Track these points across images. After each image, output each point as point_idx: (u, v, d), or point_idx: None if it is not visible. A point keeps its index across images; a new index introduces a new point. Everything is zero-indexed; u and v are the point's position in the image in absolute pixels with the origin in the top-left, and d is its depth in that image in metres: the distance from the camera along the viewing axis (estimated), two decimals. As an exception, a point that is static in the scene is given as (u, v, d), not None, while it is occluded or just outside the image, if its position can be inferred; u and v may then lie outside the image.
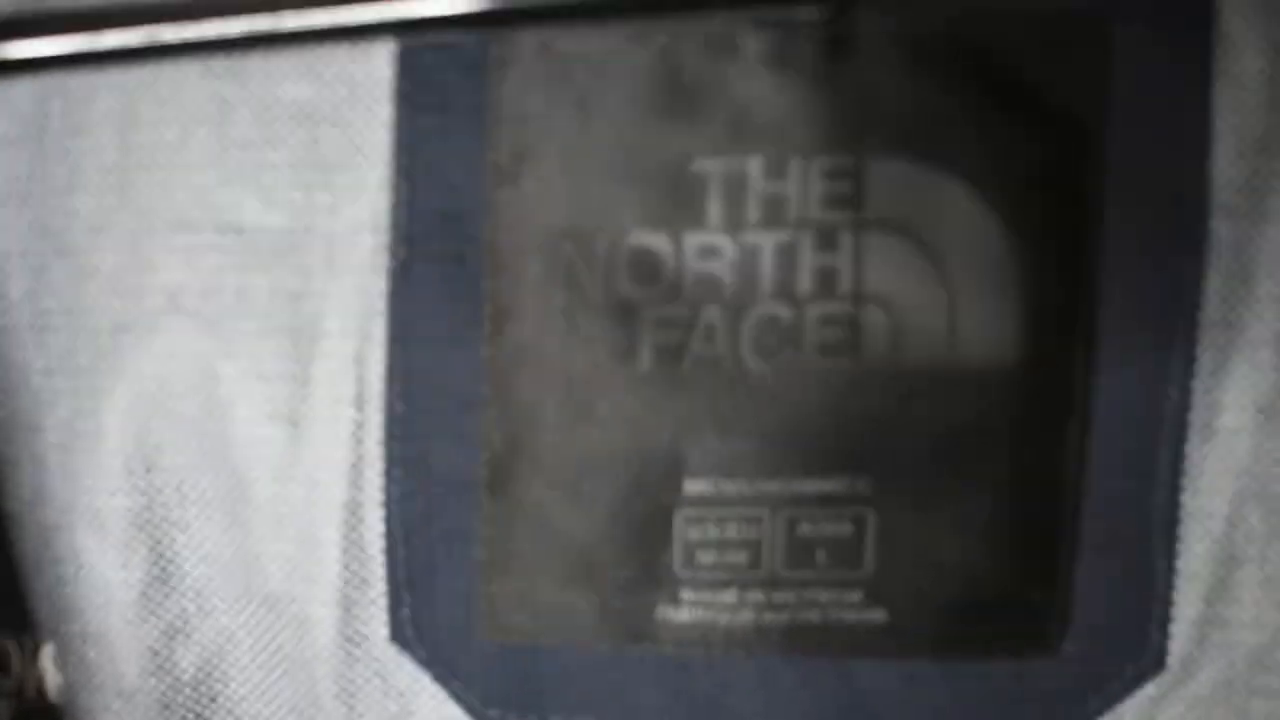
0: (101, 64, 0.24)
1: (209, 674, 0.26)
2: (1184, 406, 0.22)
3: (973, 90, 0.22)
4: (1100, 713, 0.23)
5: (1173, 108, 0.22)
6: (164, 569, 0.25)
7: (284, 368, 0.24)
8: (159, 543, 0.25)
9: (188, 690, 0.26)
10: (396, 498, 0.24)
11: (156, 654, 0.26)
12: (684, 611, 0.23)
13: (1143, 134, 0.22)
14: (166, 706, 0.26)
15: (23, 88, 0.25)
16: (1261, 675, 0.23)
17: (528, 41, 0.23)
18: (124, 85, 0.24)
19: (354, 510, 0.24)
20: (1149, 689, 0.23)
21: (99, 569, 0.25)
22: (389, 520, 0.24)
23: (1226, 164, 0.22)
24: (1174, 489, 0.23)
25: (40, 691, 0.27)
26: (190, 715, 0.26)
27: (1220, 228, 0.22)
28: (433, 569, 0.24)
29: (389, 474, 0.24)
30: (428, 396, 0.24)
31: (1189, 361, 0.22)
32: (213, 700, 0.26)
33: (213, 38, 0.23)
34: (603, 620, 0.24)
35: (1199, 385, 0.22)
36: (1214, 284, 0.22)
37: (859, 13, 0.22)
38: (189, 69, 0.23)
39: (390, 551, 0.24)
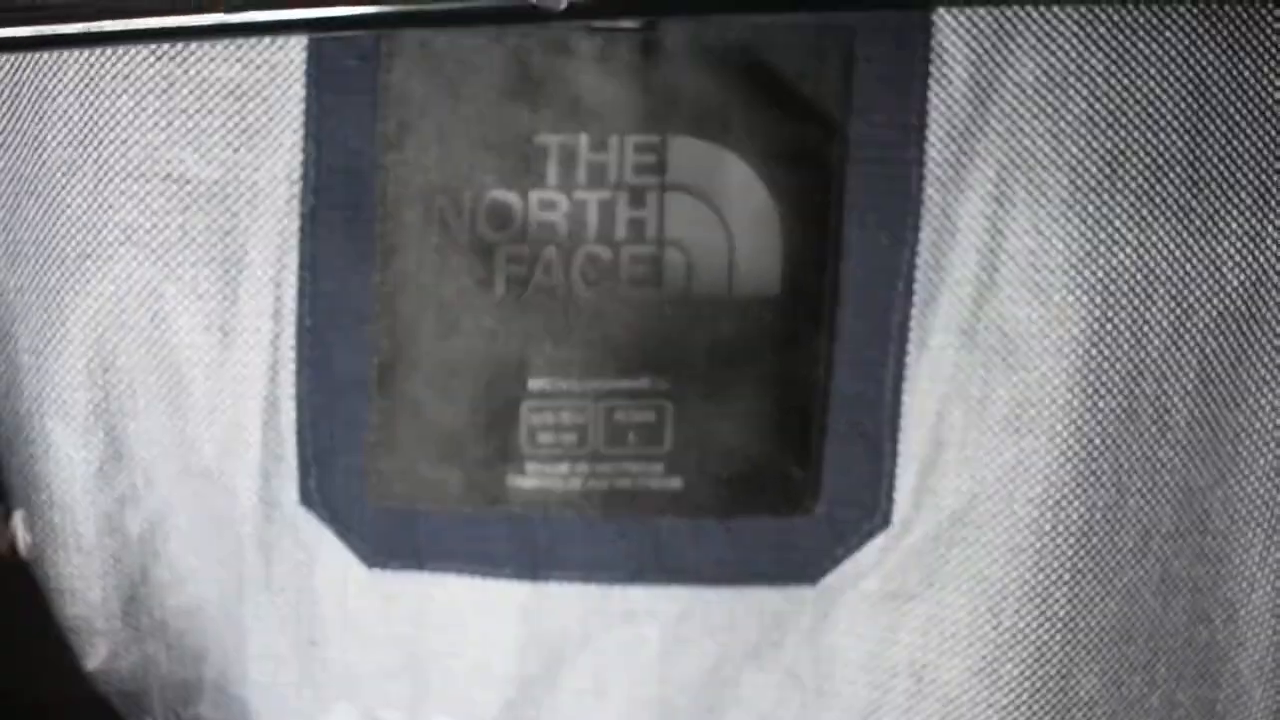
0: (64, 47, 0.31)
1: (153, 534, 0.33)
2: (904, 328, 0.30)
3: (749, 87, 0.30)
4: (843, 559, 0.31)
5: (899, 103, 0.30)
6: (117, 449, 0.32)
7: (216, 289, 0.31)
8: (113, 428, 0.32)
9: (135, 547, 0.33)
10: (305, 392, 0.31)
11: (110, 518, 0.33)
12: (528, 480, 0.31)
13: (875, 123, 0.30)
14: (118, 560, 0.33)
15: None
16: (960, 530, 0.31)
17: (410, 39, 0.30)
18: (87, 62, 0.30)
19: (271, 402, 0.31)
20: (879, 540, 0.31)
21: (64, 448, 0.32)
22: (299, 409, 0.31)
23: (937, 146, 0.30)
24: (897, 391, 0.30)
25: (13, 549, 0.34)
26: (137, 568, 0.33)
27: (932, 195, 0.30)
28: (333, 448, 0.31)
29: (299, 373, 0.31)
30: (330, 313, 0.31)
31: (908, 293, 0.30)
32: (156, 555, 0.33)
33: (158, 28, 0.30)
34: (465, 488, 0.31)
35: (915, 312, 0.30)
36: (926, 236, 0.30)
37: (666, 25, 0.30)
38: (141, 51, 0.30)
39: (300, 434, 0.31)
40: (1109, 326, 0.30)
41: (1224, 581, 0.32)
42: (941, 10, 0.30)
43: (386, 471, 0.31)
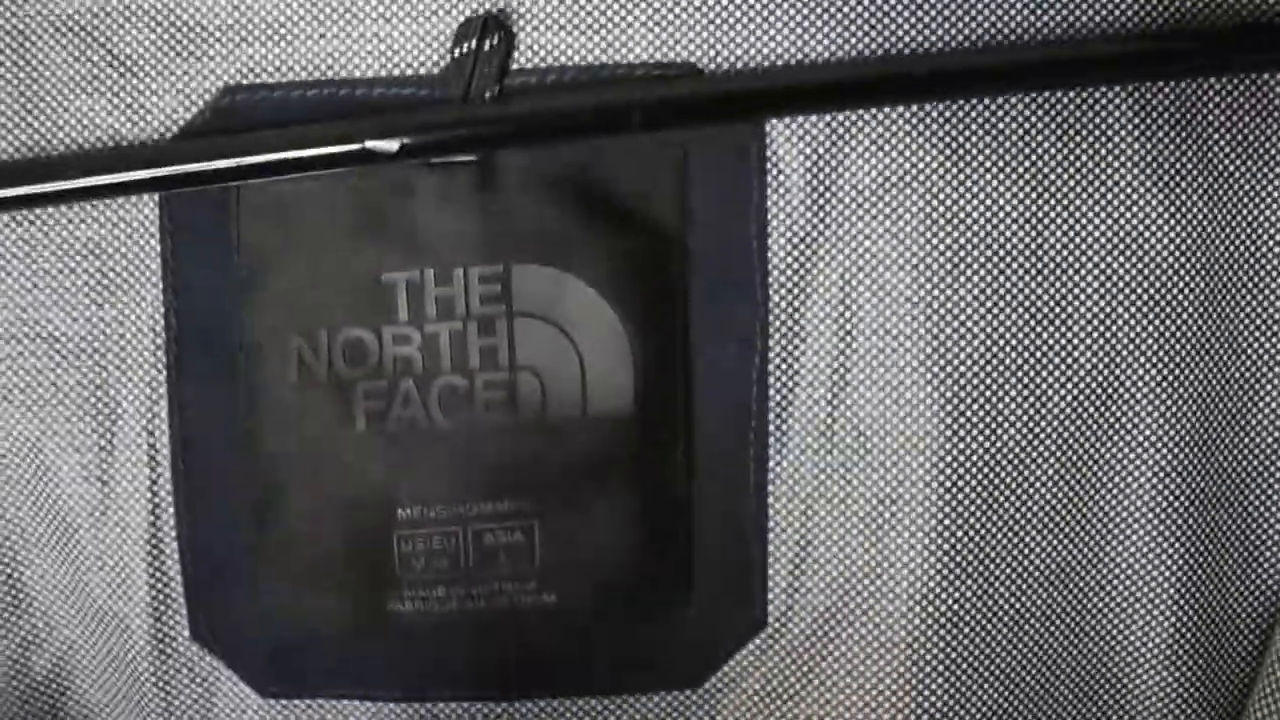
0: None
1: (59, 674, 0.34)
2: (762, 432, 0.31)
3: (586, 210, 0.30)
4: (723, 661, 0.32)
5: (738, 213, 0.31)
6: (16, 596, 0.34)
7: (92, 441, 0.32)
8: (11, 575, 0.33)
9: (42, 688, 0.34)
10: (186, 534, 0.32)
11: (15, 662, 0.34)
12: (407, 604, 0.32)
13: (715, 234, 0.31)
14: (26, 702, 0.34)
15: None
16: (834, 627, 0.32)
17: (256, 186, 0.31)
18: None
19: (155, 544, 0.32)
20: (757, 641, 0.32)
21: (-34, 598, 0.34)
22: (181, 549, 0.32)
23: (779, 254, 0.31)
24: (761, 492, 0.31)
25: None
26: (46, 708, 0.35)
27: (777, 302, 0.31)
28: (219, 584, 0.32)
29: (179, 516, 0.32)
30: (204, 455, 0.32)
31: (763, 398, 0.31)
32: (63, 694, 0.35)
33: (14, 195, 0.31)
34: (347, 616, 0.32)
35: (772, 416, 0.31)
36: (776, 342, 0.31)
37: (502, 154, 0.31)
38: (1, 216, 0.32)
39: (185, 573, 0.32)
40: (963, 419, 0.31)
41: (1106, 659, 0.32)
42: (774, 120, 0.30)
43: (271, 604, 0.32)
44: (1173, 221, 0.30)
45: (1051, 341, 0.30)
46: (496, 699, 0.33)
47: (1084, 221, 0.30)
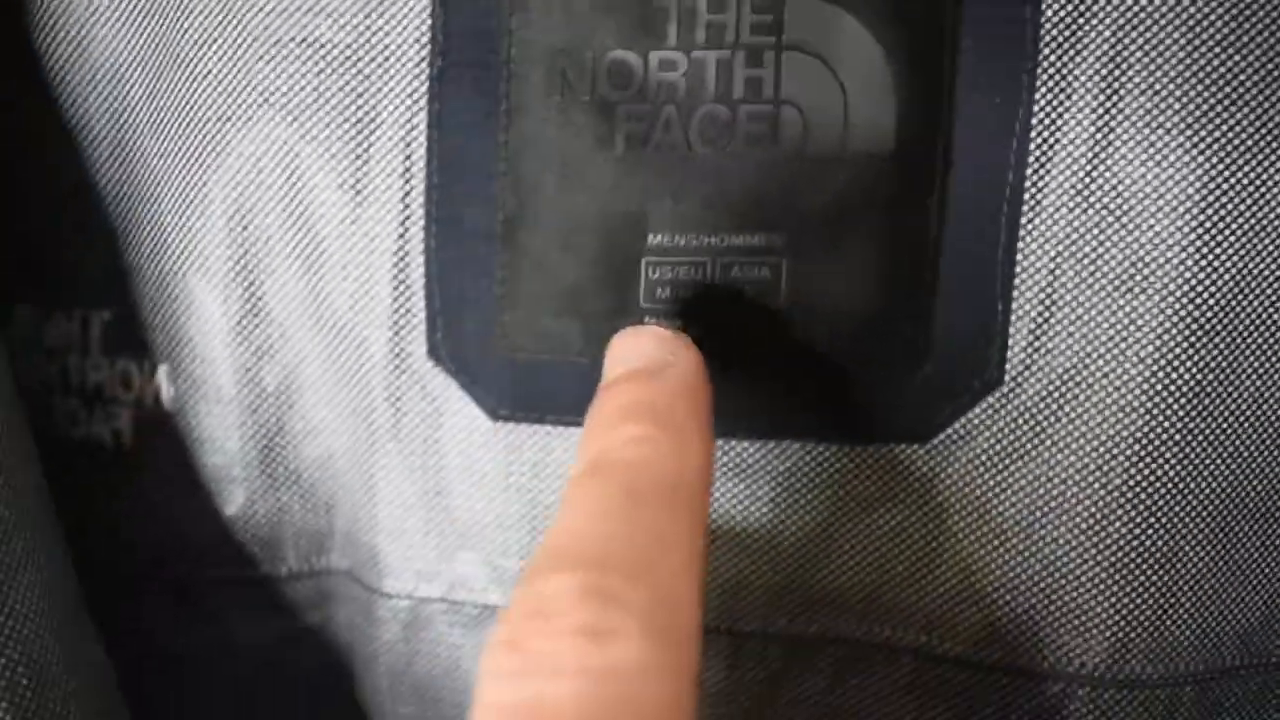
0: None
1: (288, 386, 0.35)
2: (1019, 188, 0.31)
3: None
4: (954, 418, 0.32)
5: None
6: (255, 305, 0.34)
7: (349, 149, 0.33)
8: (251, 284, 0.34)
9: (271, 399, 0.35)
10: (434, 248, 0.33)
11: (248, 370, 0.35)
12: None
13: None
14: (255, 412, 0.35)
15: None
16: (1071, 388, 0.32)
17: None
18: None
19: (402, 257, 0.33)
20: (990, 399, 0.32)
21: (205, 304, 0.35)
22: (428, 264, 0.33)
23: (1053, 6, 0.30)
24: (1010, 250, 0.31)
25: (157, 401, 0.36)
26: (272, 419, 0.35)
27: (1048, 56, 0.30)
28: (460, 303, 0.33)
29: (428, 229, 0.33)
30: (458, 171, 0.32)
31: (1023, 154, 0.31)
32: (290, 407, 0.35)
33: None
34: (586, 341, 0.32)
35: (1029, 173, 0.31)
36: (1041, 98, 0.31)
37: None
38: None
39: (429, 288, 0.33)
40: (1225, 188, 0.31)
41: None
42: None
43: (511, 325, 0.33)
44: None
45: None
46: (724, 436, 0.33)
47: None
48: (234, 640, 0.38)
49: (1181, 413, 0.31)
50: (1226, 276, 0.31)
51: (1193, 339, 0.31)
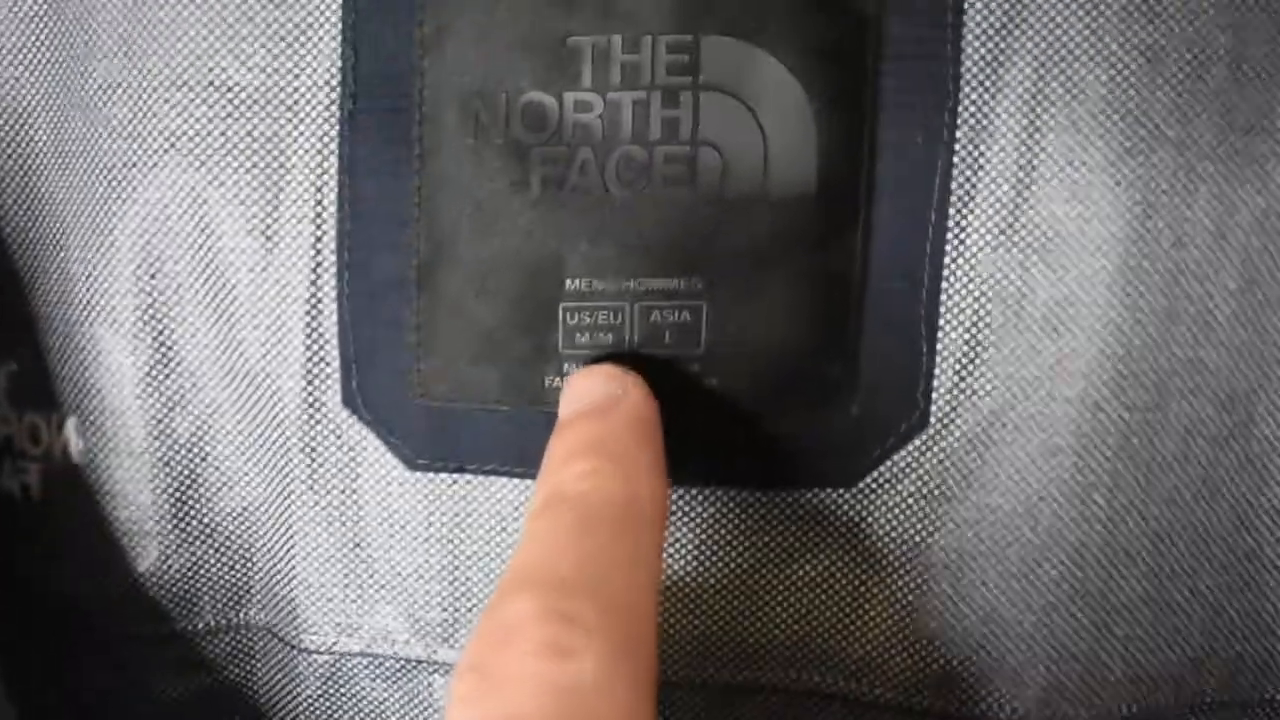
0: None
1: (201, 437, 0.34)
2: (941, 227, 0.31)
3: None
4: (880, 461, 0.32)
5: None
6: (165, 354, 0.34)
7: (259, 194, 0.32)
8: (161, 334, 0.34)
9: (184, 451, 0.35)
10: (347, 294, 0.32)
11: (159, 421, 0.34)
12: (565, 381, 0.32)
13: (911, 20, 0.30)
14: (167, 464, 0.35)
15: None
16: (998, 430, 0.31)
17: None
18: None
19: (314, 305, 0.33)
20: (916, 442, 0.32)
21: (113, 355, 0.34)
22: (341, 311, 0.32)
23: (973, 44, 0.30)
24: (934, 290, 0.31)
25: (65, 454, 0.35)
26: (186, 471, 0.35)
27: (968, 94, 0.30)
28: (374, 349, 0.32)
29: (340, 276, 0.32)
30: (370, 216, 0.32)
31: (945, 191, 0.31)
32: (204, 458, 0.35)
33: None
34: (504, 388, 0.32)
35: (952, 211, 0.31)
36: (962, 135, 0.30)
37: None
38: None
39: (342, 335, 0.32)
40: (1149, 225, 0.30)
41: (1269, 489, 0.32)
42: (977, -96, 0.30)
43: (427, 371, 0.32)
44: None
45: (1245, 152, 0.30)
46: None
47: None
48: (151, 694, 0.37)
49: (1110, 454, 0.31)
50: (1152, 315, 0.31)
51: (1120, 379, 0.31)
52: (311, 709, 0.36)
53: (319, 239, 0.32)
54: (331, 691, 0.36)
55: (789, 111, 0.30)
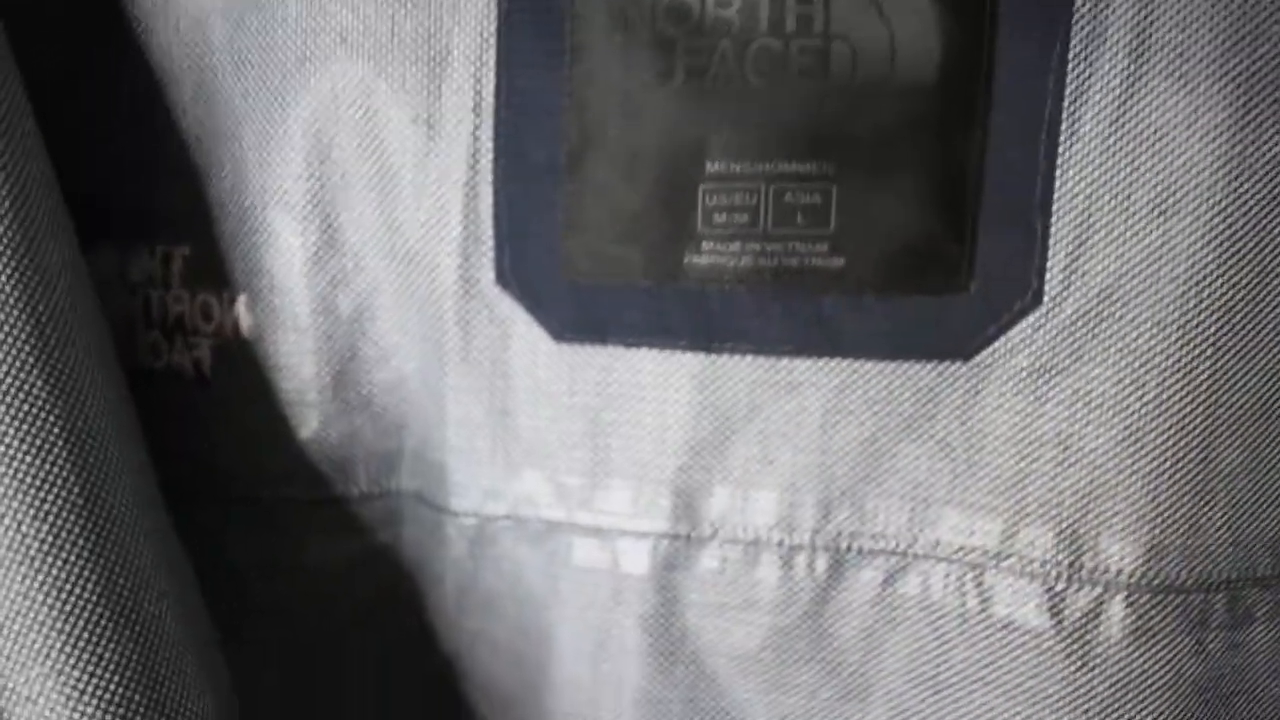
0: None
1: (361, 313, 0.38)
2: (1056, 119, 0.33)
3: None
4: (996, 336, 0.35)
5: None
6: (331, 235, 0.37)
7: (423, 85, 0.35)
8: (328, 216, 0.37)
9: (345, 326, 0.38)
10: (502, 179, 0.35)
11: (324, 299, 0.37)
12: (704, 258, 0.35)
13: None
14: (330, 338, 0.38)
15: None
16: (1107, 306, 0.34)
17: None
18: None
19: (472, 188, 0.36)
20: (1030, 318, 0.34)
21: (284, 236, 0.37)
22: (496, 195, 0.35)
23: None
24: (1049, 177, 0.33)
25: (235, 331, 0.39)
26: (346, 345, 0.38)
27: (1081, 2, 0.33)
28: (526, 230, 0.35)
29: (497, 162, 0.35)
30: (525, 107, 0.35)
31: (1060, 86, 0.33)
32: (364, 333, 0.38)
33: None
34: (646, 265, 0.35)
35: (1066, 103, 0.33)
36: (1076, 35, 0.33)
37: None
38: None
39: (497, 217, 0.35)
40: (1253, 115, 0.33)
41: None
42: None
43: (574, 250, 0.35)
44: None
45: None
46: (776, 355, 0.35)
47: None
48: (304, 561, 0.41)
49: (1213, 329, 0.34)
50: (1255, 199, 0.33)
51: (1224, 259, 0.33)
52: (457, 569, 0.39)
53: (477, 127, 0.35)
54: (476, 553, 0.39)
55: (914, 9, 0.33)
